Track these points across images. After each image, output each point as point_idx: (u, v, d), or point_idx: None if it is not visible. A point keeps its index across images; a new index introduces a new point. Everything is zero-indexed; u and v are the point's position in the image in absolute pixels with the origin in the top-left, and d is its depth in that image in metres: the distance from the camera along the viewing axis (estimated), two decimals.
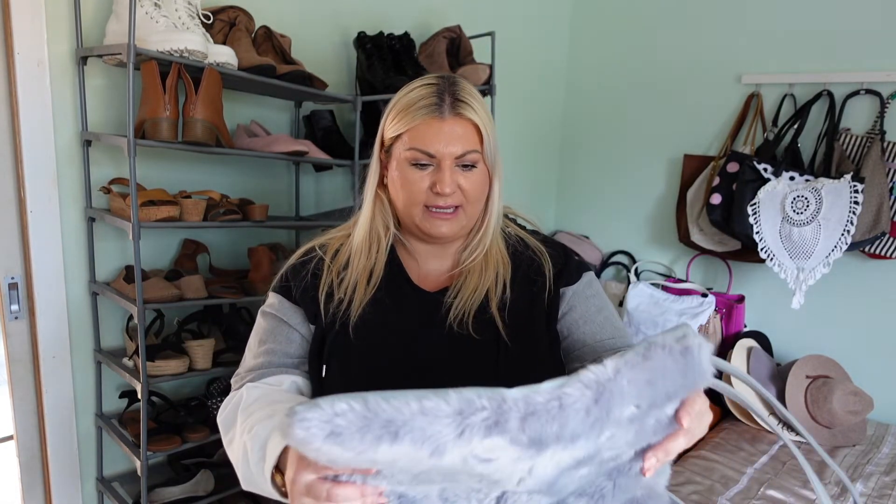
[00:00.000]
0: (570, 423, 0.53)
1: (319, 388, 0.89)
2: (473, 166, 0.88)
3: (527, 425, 0.51)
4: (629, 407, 0.56)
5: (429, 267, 0.95)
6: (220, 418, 0.86)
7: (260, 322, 0.96)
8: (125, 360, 1.46)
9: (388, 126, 0.89)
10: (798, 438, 1.86)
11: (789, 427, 1.89)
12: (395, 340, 0.88)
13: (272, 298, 0.95)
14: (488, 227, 0.93)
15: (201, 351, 1.48)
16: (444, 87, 0.87)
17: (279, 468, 0.67)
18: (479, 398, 0.50)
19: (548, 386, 0.52)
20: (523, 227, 1.03)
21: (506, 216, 1.02)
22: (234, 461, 0.77)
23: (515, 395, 0.51)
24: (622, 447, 0.60)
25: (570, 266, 0.95)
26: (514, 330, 0.88)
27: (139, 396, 1.37)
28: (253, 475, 0.71)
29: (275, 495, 0.69)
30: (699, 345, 0.58)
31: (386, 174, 0.92)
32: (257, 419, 0.75)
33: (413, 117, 0.86)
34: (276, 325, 0.93)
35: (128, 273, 1.47)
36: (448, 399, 0.49)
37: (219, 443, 1.66)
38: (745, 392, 1.96)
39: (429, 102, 0.85)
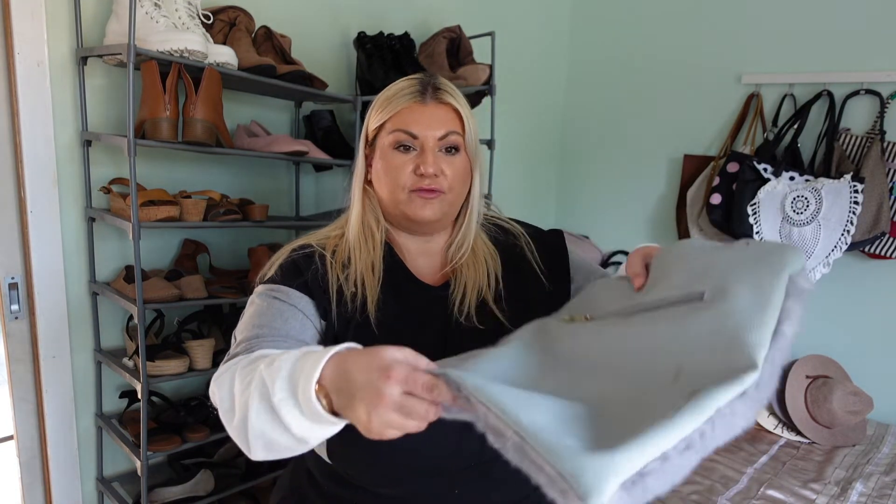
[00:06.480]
0: None
1: None
2: (456, 150, 0.90)
3: None
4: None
5: (418, 265, 0.96)
6: (215, 386, 0.74)
7: (257, 303, 0.87)
8: (125, 360, 1.46)
9: (372, 119, 0.91)
10: (798, 438, 1.86)
11: (789, 427, 1.89)
12: (410, 334, 0.88)
13: (278, 286, 0.87)
14: (470, 220, 0.95)
15: (201, 351, 1.48)
16: (426, 81, 0.90)
17: (320, 384, 0.60)
18: None
19: None
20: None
21: None
22: (240, 410, 0.66)
23: None
24: None
25: (547, 238, 1.02)
26: (515, 316, 0.89)
27: (139, 396, 1.37)
28: (275, 404, 0.61)
29: (307, 418, 0.61)
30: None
31: (370, 171, 0.93)
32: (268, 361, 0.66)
33: (396, 104, 0.88)
34: (280, 306, 0.85)
35: (128, 273, 1.47)
36: None
37: (219, 443, 1.66)
38: None
39: (411, 90, 0.89)
